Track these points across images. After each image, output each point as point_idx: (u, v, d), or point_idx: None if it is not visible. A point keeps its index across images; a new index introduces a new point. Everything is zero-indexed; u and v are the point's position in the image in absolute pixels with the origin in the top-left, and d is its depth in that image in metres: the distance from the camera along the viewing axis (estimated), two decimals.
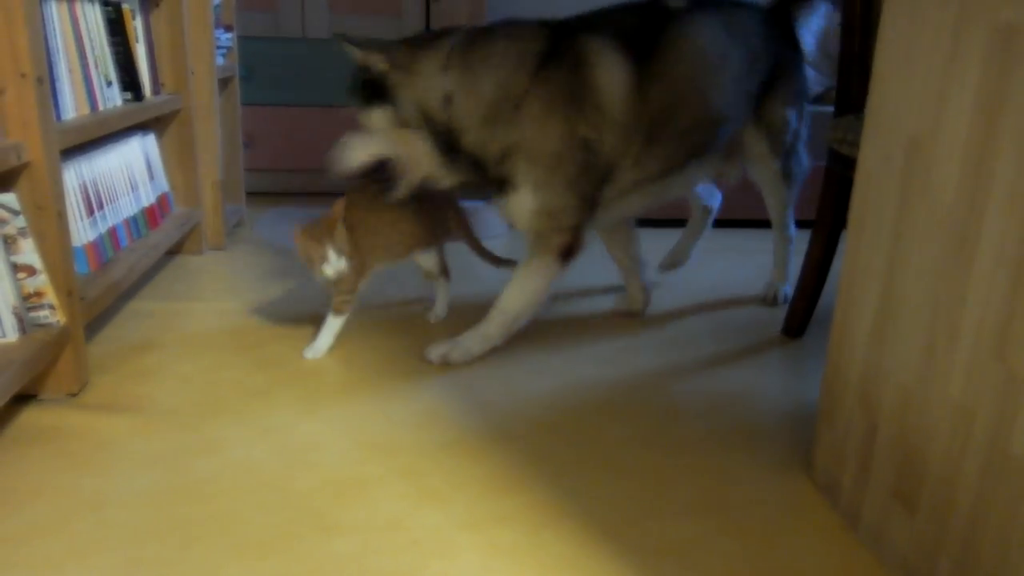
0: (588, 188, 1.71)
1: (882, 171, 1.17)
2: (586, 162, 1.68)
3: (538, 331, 2.03)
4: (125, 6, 2.10)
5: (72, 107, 1.81)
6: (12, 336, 1.44)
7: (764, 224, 3.18)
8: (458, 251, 2.07)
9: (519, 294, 1.77)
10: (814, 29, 2.23)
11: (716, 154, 2.00)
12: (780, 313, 2.11)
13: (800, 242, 2.19)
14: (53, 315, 1.51)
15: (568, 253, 1.75)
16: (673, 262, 2.45)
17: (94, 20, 1.95)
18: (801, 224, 3.03)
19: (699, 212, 2.42)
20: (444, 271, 2.02)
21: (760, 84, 1.98)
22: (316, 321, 1.91)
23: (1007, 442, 0.90)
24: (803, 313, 2.03)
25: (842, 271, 1.29)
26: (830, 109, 2.40)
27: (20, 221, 1.44)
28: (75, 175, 1.83)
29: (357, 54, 1.65)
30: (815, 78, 3.36)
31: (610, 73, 1.68)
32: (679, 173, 1.90)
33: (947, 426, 1.01)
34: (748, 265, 2.67)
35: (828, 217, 1.93)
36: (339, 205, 1.72)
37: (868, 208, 1.21)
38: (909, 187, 1.10)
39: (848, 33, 1.84)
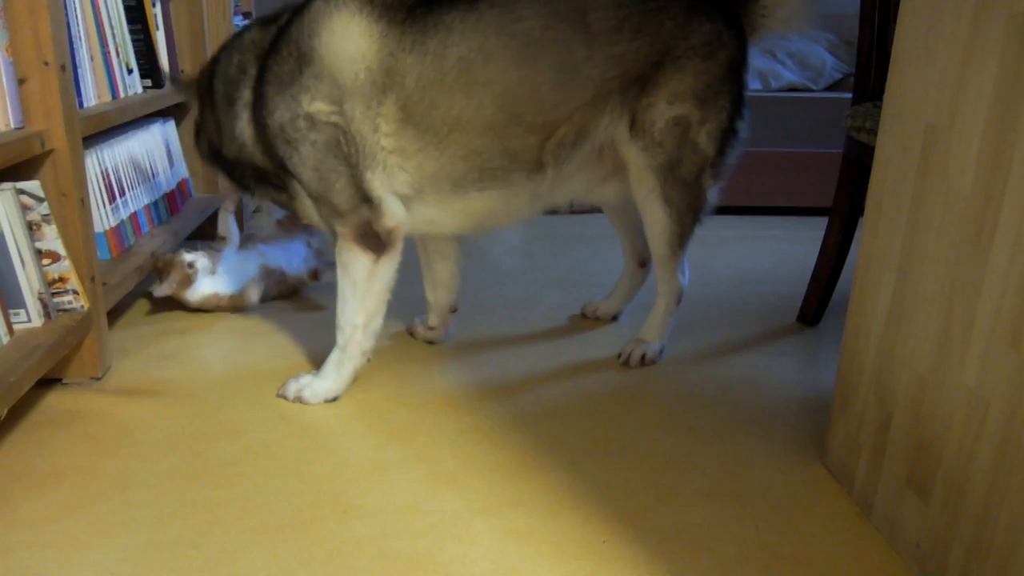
0: (345, 170, 1.46)
1: (899, 159, 1.17)
2: (326, 140, 1.45)
3: (553, 318, 2.04)
4: None
5: (94, 95, 1.83)
6: (37, 321, 1.47)
7: (777, 211, 3.18)
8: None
9: (344, 302, 1.55)
10: None
11: (568, 169, 1.61)
12: (796, 301, 2.11)
13: (814, 230, 2.17)
14: (77, 300, 1.53)
15: (366, 238, 1.50)
16: (596, 312, 2.06)
17: (114, 8, 1.97)
18: (817, 212, 3.04)
19: (632, 262, 1.99)
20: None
21: (634, 70, 1.54)
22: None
23: (1021, 431, 0.91)
24: (819, 301, 2.02)
25: (858, 259, 1.29)
26: (848, 96, 2.38)
27: (44, 208, 1.46)
28: (97, 162, 1.85)
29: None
30: (834, 64, 3.33)
31: (333, 38, 1.43)
32: (502, 185, 1.56)
33: (962, 414, 1.01)
34: (761, 252, 2.66)
35: (845, 204, 1.92)
36: None
37: (885, 196, 1.21)
38: (926, 175, 1.10)
39: (867, 20, 1.83)
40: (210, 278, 1.94)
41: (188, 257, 1.90)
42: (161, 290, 1.87)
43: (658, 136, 1.58)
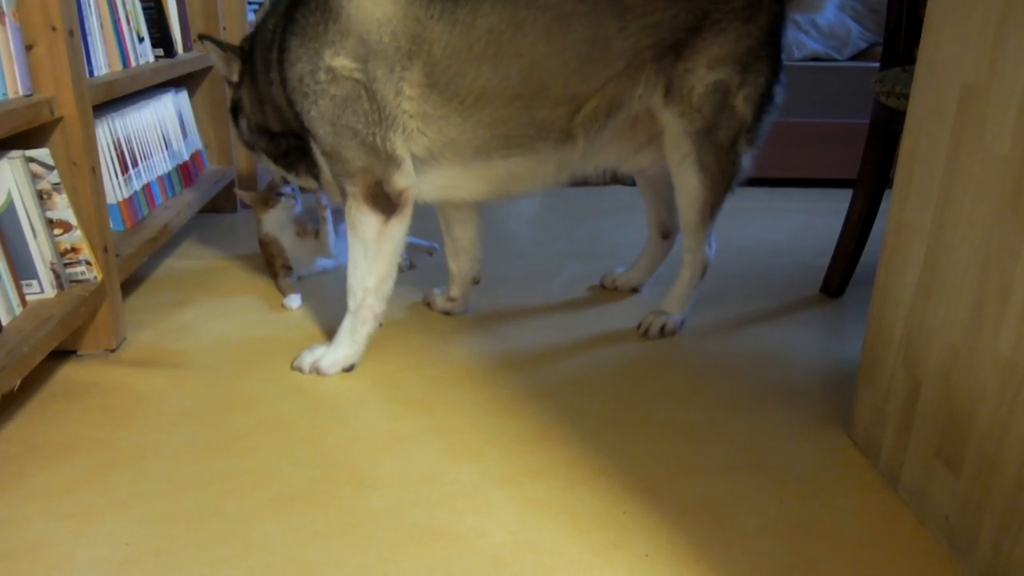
0: (361, 127, 1.44)
1: (933, 122, 1.13)
2: (345, 95, 1.43)
3: (571, 289, 2.02)
4: None
5: (104, 63, 1.80)
6: (50, 292, 1.45)
7: (800, 183, 3.14)
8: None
9: (355, 265, 1.53)
10: None
11: (600, 140, 1.60)
12: (819, 272, 2.07)
13: (837, 201, 2.13)
14: (89, 271, 1.52)
15: (376, 199, 1.48)
16: (616, 283, 2.04)
17: None
18: (840, 183, 2.98)
19: (655, 233, 1.97)
20: None
21: (669, 37, 1.52)
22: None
23: None
24: (843, 271, 1.99)
25: (887, 226, 1.26)
26: (874, 65, 2.33)
27: (54, 176, 1.45)
28: (108, 132, 1.83)
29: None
30: (859, 33, 3.26)
31: None
32: (528, 153, 1.55)
33: (995, 384, 0.98)
34: (784, 223, 2.62)
35: (871, 173, 1.88)
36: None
37: (917, 160, 1.17)
38: (961, 137, 1.06)
39: None
40: (289, 227, 1.99)
41: (285, 188, 1.98)
42: (242, 191, 2.07)
43: (696, 101, 1.57)
